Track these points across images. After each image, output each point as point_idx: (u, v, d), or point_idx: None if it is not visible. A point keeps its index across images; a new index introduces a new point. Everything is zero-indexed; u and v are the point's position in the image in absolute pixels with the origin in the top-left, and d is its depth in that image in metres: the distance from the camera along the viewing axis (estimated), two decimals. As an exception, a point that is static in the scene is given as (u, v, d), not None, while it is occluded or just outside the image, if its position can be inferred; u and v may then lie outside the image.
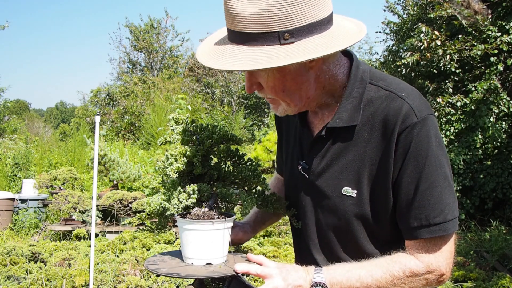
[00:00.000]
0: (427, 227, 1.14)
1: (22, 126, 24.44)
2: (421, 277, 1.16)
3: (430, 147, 1.15)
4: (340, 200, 1.23)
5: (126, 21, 33.77)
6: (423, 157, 1.14)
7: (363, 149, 1.20)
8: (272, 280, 1.18)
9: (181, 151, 1.27)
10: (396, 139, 1.15)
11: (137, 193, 7.52)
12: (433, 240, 1.16)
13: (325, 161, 1.26)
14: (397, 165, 1.16)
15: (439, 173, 1.16)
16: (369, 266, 1.19)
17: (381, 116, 1.18)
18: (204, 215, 1.25)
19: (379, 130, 1.18)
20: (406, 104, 1.15)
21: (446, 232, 1.15)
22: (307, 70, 1.16)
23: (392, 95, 1.18)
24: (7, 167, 12.05)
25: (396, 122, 1.14)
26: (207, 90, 25.51)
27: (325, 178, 1.26)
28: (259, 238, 6.51)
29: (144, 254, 5.28)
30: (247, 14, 1.05)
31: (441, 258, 1.17)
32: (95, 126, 4.07)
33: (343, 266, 1.20)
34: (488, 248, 6.17)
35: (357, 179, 1.21)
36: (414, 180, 1.15)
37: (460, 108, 8.19)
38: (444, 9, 8.00)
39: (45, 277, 4.56)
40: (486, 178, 8.04)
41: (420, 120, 1.14)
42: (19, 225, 7.89)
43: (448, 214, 1.15)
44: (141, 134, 17.98)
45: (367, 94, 1.21)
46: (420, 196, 1.15)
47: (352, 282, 1.17)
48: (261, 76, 1.16)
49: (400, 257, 1.18)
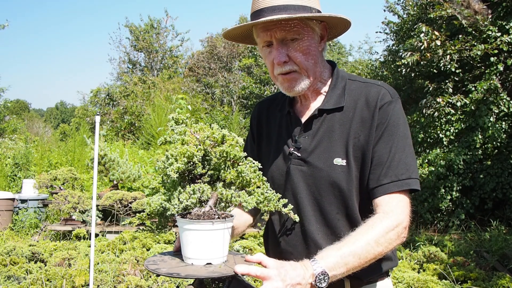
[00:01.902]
0: (396, 182, 1.38)
1: (22, 126, 24.45)
2: (394, 231, 1.34)
3: (401, 120, 1.44)
4: (331, 169, 1.44)
5: (126, 21, 33.82)
6: (396, 127, 1.42)
7: (348, 125, 1.45)
8: (271, 282, 1.20)
9: (181, 151, 1.27)
10: (378, 113, 1.42)
11: (137, 193, 7.52)
12: (399, 197, 1.38)
13: (316, 139, 1.49)
14: (376, 133, 1.42)
15: (406, 142, 1.43)
16: (354, 238, 1.32)
17: (363, 98, 1.46)
18: (204, 215, 1.25)
19: (361, 109, 1.45)
20: (383, 88, 1.47)
21: (410, 186, 1.38)
22: (320, 50, 1.49)
23: (370, 84, 1.50)
24: (7, 167, 12.05)
25: (377, 100, 1.44)
26: (207, 90, 25.51)
27: (317, 152, 1.47)
28: (259, 238, 6.51)
29: (144, 254, 5.28)
30: None
31: (405, 213, 1.37)
32: (95, 126, 4.07)
33: (332, 248, 1.31)
34: (488, 248, 6.17)
35: (345, 150, 1.44)
36: (388, 145, 1.41)
37: (460, 108, 8.19)
38: (444, 9, 8.00)
39: (45, 277, 4.56)
40: (486, 178, 8.04)
41: (394, 100, 1.45)
42: (19, 225, 7.89)
43: (412, 173, 1.40)
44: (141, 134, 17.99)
45: (348, 86, 1.52)
46: (391, 158, 1.40)
47: (346, 258, 1.28)
48: (291, 46, 1.42)
49: (375, 220, 1.36)
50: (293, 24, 1.41)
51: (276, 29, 1.41)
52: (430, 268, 5.11)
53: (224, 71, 25.44)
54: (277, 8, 1.39)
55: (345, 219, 1.45)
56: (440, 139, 8.42)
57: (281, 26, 1.41)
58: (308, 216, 1.47)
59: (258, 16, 1.42)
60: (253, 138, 1.72)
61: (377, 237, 1.32)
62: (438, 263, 5.32)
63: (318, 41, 1.48)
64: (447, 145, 8.37)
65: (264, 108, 1.72)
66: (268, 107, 1.70)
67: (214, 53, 26.02)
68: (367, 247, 1.30)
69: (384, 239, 1.32)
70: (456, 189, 8.12)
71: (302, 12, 1.40)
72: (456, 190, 8.13)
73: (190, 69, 26.80)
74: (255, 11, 1.43)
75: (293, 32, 1.41)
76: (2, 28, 17.41)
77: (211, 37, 27.29)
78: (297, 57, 1.43)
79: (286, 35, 1.41)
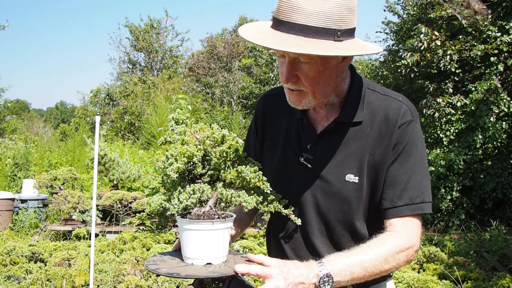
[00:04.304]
0: (410, 205, 1.34)
1: (22, 126, 24.45)
2: (404, 252, 1.32)
3: (419, 141, 1.39)
4: (343, 185, 1.39)
5: (126, 21, 33.76)
6: (413, 148, 1.37)
7: (364, 141, 1.39)
8: (272, 280, 1.19)
9: (181, 151, 1.27)
10: (396, 132, 1.36)
11: (137, 193, 7.52)
12: (412, 220, 1.35)
13: (330, 153, 1.42)
14: (392, 153, 1.37)
15: (422, 163, 1.39)
16: (364, 250, 1.30)
17: (382, 114, 1.39)
18: (204, 215, 1.25)
19: (379, 125, 1.38)
20: (404, 105, 1.40)
21: (423, 211, 1.35)
22: (338, 68, 1.36)
23: (391, 98, 1.42)
24: (7, 167, 12.05)
25: (398, 118, 1.37)
26: (207, 90, 25.51)
27: (329, 166, 1.41)
28: (259, 238, 6.52)
29: (144, 254, 5.28)
30: (312, 10, 1.22)
31: (417, 236, 1.35)
32: (95, 126, 4.07)
33: (341, 255, 1.29)
34: (488, 248, 6.17)
35: (359, 167, 1.38)
36: (403, 166, 1.36)
37: (460, 108, 8.19)
38: (444, 9, 8.00)
39: (45, 277, 4.56)
40: (486, 178, 8.03)
41: (414, 119, 1.39)
42: (19, 225, 7.89)
43: (426, 196, 1.36)
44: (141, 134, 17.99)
45: (367, 96, 1.43)
46: (406, 180, 1.36)
47: (353, 267, 1.26)
48: (302, 68, 1.31)
49: (387, 237, 1.34)
50: None
51: None
52: (430, 268, 5.11)
53: (224, 71, 25.44)
54: (295, 27, 1.23)
55: (351, 235, 1.42)
56: (440, 139, 8.42)
57: None
58: (313, 229, 1.44)
59: (277, 26, 1.27)
60: (257, 133, 1.63)
61: (387, 254, 1.30)
62: (438, 263, 5.31)
63: (337, 63, 1.34)
64: (447, 145, 8.37)
65: (271, 104, 1.61)
66: (275, 105, 1.59)
67: (214, 53, 26.03)
68: (375, 262, 1.28)
69: (392, 258, 1.30)
70: (456, 189, 8.12)
71: (323, 36, 1.23)
72: (456, 190, 8.13)
73: (190, 69, 26.80)
74: (276, 18, 1.29)
75: (307, 56, 1.28)
76: (2, 29, 17.43)
77: (211, 37, 27.29)
78: (306, 80, 1.32)
79: (299, 56, 1.29)
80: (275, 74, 22.33)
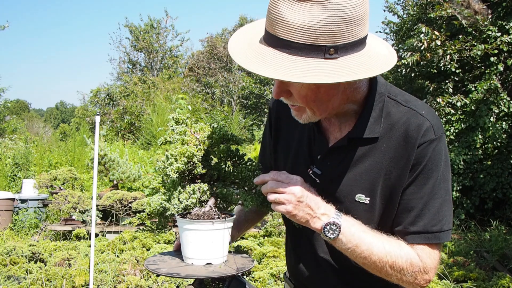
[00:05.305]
0: (424, 234, 1.21)
1: (22, 126, 24.44)
2: (415, 273, 1.21)
3: (440, 163, 1.23)
4: (352, 206, 1.27)
5: (126, 21, 33.75)
6: (433, 170, 1.22)
7: (379, 159, 1.25)
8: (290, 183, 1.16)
9: (181, 151, 1.27)
10: (415, 152, 1.21)
11: (137, 193, 7.51)
12: (428, 248, 1.23)
13: (340, 169, 1.29)
14: (410, 174, 1.22)
15: (442, 186, 1.23)
16: (381, 237, 1.22)
17: (402, 129, 1.23)
18: (204, 215, 1.25)
19: (397, 142, 1.23)
20: (427, 121, 1.22)
21: (440, 240, 1.22)
22: (339, 84, 1.17)
23: (413, 111, 1.24)
24: (7, 167, 12.04)
25: (418, 136, 1.21)
26: (207, 90, 25.51)
27: (339, 184, 1.29)
28: (259, 238, 6.51)
29: (144, 254, 5.28)
30: (297, 24, 1.05)
31: (432, 265, 1.23)
32: (95, 126, 4.07)
33: (360, 225, 1.22)
34: (488, 248, 6.16)
35: (371, 187, 1.25)
36: (421, 190, 1.22)
37: (460, 108, 8.18)
38: (444, 9, 8.00)
39: (45, 277, 4.56)
40: (486, 178, 8.03)
41: (437, 138, 1.22)
42: (19, 225, 7.88)
43: (444, 224, 1.22)
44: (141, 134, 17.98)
45: (386, 107, 1.26)
46: (423, 205, 1.22)
47: (362, 242, 1.19)
48: (293, 86, 1.16)
49: (407, 246, 1.23)
50: None
51: None
52: (430, 268, 5.11)
53: (224, 71, 25.44)
54: (279, 42, 1.08)
55: None
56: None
57: None
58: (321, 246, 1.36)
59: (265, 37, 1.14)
60: (271, 133, 1.52)
61: (397, 259, 1.20)
62: (438, 263, 5.31)
63: None
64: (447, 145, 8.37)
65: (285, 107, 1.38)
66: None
67: (214, 53, 26.03)
68: (383, 256, 1.20)
69: (400, 267, 1.20)
70: (456, 189, 8.12)
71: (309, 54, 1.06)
72: (456, 190, 8.13)
73: (190, 69, 26.80)
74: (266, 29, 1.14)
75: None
76: (2, 29, 17.42)
77: (211, 37, 27.30)
78: (298, 98, 1.18)
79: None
80: (275, 74, 22.30)
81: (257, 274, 4.58)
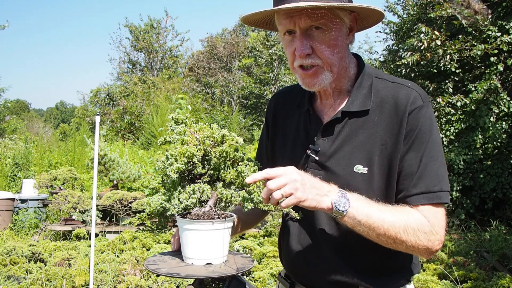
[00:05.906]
0: (426, 194, 1.27)
1: (22, 126, 24.44)
2: (426, 234, 1.24)
3: (432, 127, 1.31)
4: (351, 177, 1.32)
5: (126, 21, 33.76)
6: (427, 134, 1.30)
7: (373, 130, 1.33)
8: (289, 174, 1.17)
9: (181, 151, 1.27)
10: (407, 119, 1.30)
11: (137, 193, 7.51)
12: (433, 208, 1.27)
13: (336, 143, 1.37)
14: (405, 141, 1.30)
15: (438, 150, 1.31)
16: (387, 207, 1.26)
17: (391, 101, 1.33)
18: (204, 215, 1.25)
19: (389, 113, 1.32)
20: (413, 91, 1.33)
21: (441, 200, 1.28)
22: (347, 43, 1.35)
23: (399, 85, 1.36)
24: (7, 167, 12.05)
25: (407, 105, 1.30)
26: (207, 90, 25.51)
27: (336, 158, 1.36)
28: (259, 238, 6.51)
29: (144, 254, 5.28)
30: None
31: (440, 225, 1.27)
32: (95, 126, 4.07)
33: (365, 199, 1.25)
34: (488, 248, 6.16)
35: (369, 158, 1.32)
36: (419, 154, 1.29)
37: (460, 108, 8.18)
38: (444, 9, 8.00)
39: (45, 277, 4.56)
40: (486, 178, 8.03)
41: (425, 104, 1.31)
42: (19, 225, 7.88)
43: (444, 185, 1.29)
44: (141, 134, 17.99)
45: (374, 85, 1.38)
46: (422, 168, 1.28)
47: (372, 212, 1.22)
48: (316, 38, 1.29)
49: (412, 210, 1.27)
50: (320, 13, 1.26)
51: (301, 17, 1.26)
52: (430, 268, 5.10)
53: (224, 71, 25.44)
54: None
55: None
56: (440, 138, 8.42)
57: (307, 14, 1.26)
58: (321, 223, 1.38)
59: (282, 1, 1.27)
60: (268, 135, 1.60)
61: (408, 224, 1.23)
62: (438, 263, 5.31)
63: (347, 33, 1.34)
64: (447, 145, 8.37)
65: (281, 103, 1.58)
66: (285, 101, 1.56)
67: (214, 53, 26.04)
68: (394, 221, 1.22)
69: (413, 231, 1.23)
70: (456, 189, 8.12)
71: (332, 1, 1.25)
72: (456, 190, 8.13)
73: (190, 69, 26.81)
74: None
75: (320, 21, 1.27)
76: (2, 29, 17.42)
77: (211, 37, 27.31)
78: (322, 50, 1.29)
79: (312, 24, 1.27)
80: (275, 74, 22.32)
81: (257, 274, 4.58)
